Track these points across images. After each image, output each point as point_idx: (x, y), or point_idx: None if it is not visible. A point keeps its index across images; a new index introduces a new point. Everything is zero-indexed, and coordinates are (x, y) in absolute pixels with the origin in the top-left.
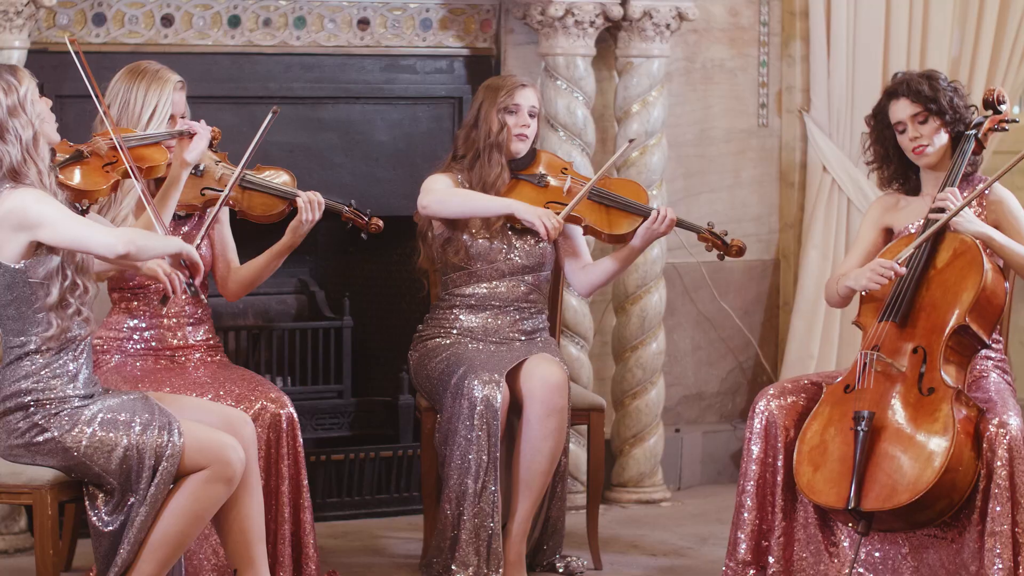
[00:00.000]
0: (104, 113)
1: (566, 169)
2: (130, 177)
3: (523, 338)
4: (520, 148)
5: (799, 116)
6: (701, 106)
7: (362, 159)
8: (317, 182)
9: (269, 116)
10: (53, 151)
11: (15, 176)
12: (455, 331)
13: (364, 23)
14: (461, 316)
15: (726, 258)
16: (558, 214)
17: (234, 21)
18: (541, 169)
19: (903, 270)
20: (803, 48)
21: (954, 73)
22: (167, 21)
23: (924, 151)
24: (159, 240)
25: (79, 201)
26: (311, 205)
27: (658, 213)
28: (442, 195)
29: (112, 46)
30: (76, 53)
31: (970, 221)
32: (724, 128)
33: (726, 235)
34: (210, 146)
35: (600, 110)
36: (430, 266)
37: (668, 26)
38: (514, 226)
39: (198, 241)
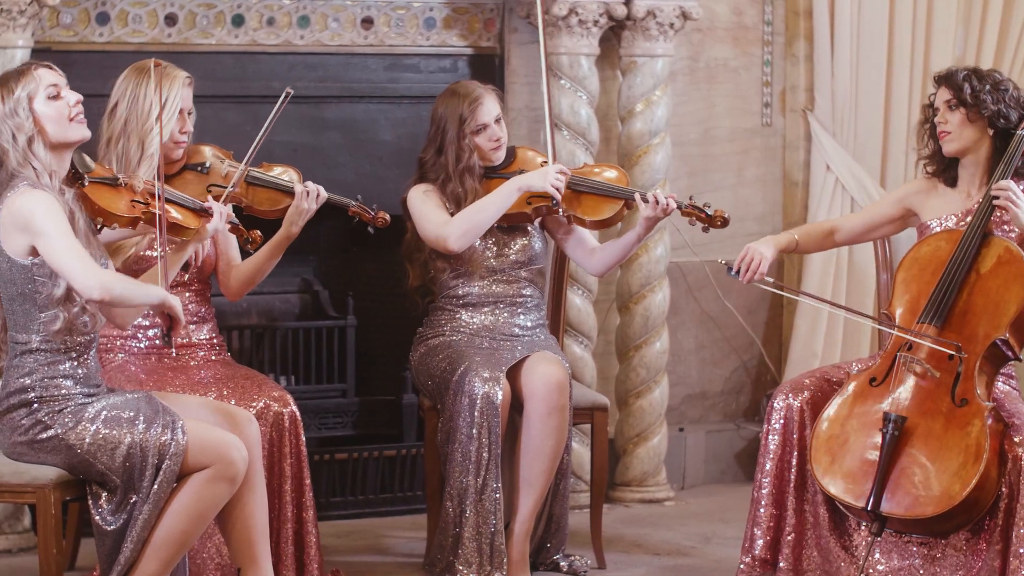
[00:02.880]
0: (157, 167)
1: (544, 163)
2: (154, 225)
3: (523, 334)
4: (500, 156)
5: (803, 115)
6: (705, 105)
7: (366, 158)
8: (321, 181)
9: (283, 96)
10: (82, 161)
11: (14, 176)
12: (455, 330)
13: (368, 22)
14: (459, 316)
15: (711, 230)
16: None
17: (238, 20)
18: (520, 168)
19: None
20: (807, 47)
21: None
22: (171, 20)
23: (945, 137)
24: (141, 290)
25: (95, 217)
26: (307, 194)
27: (655, 202)
28: (461, 226)
29: (115, 45)
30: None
31: None
32: (728, 127)
33: (708, 207)
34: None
35: (604, 109)
36: (422, 281)
37: (672, 25)
38: (500, 224)
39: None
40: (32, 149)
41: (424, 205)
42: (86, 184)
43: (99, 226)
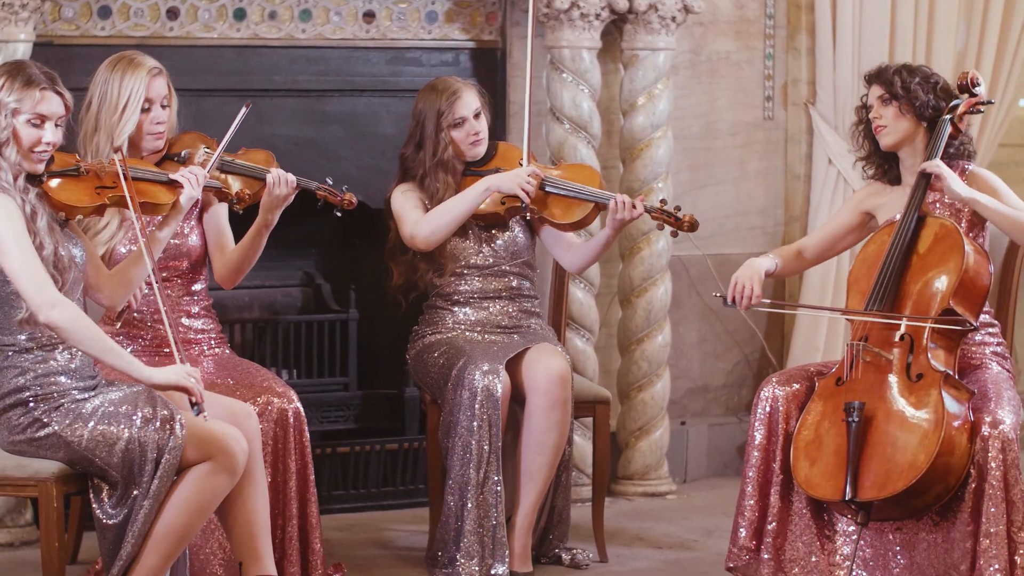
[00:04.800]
0: (121, 155)
1: (522, 160)
2: (126, 207)
3: (517, 324)
4: (479, 151)
5: (805, 109)
6: (707, 99)
7: (367, 152)
8: (323, 174)
9: (242, 111)
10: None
11: None
12: (451, 326)
13: (370, 16)
14: (453, 312)
15: (679, 234)
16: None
17: (239, 14)
18: (499, 165)
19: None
20: (809, 41)
21: (960, 66)
22: (172, 14)
23: (881, 131)
24: (108, 350)
25: (58, 212)
26: (279, 180)
27: (623, 206)
28: (429, 224)
29: (117, 39)
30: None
31: (959, 186)
32: (730, 121)
33: (679, 210)
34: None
35: (606, 103)
36: (405, 282)
37: (674, 19)
38: (479, 223)
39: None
40: (2, 152)
41: (403, 206)
42: (43, 180)
43: (65, 220)
